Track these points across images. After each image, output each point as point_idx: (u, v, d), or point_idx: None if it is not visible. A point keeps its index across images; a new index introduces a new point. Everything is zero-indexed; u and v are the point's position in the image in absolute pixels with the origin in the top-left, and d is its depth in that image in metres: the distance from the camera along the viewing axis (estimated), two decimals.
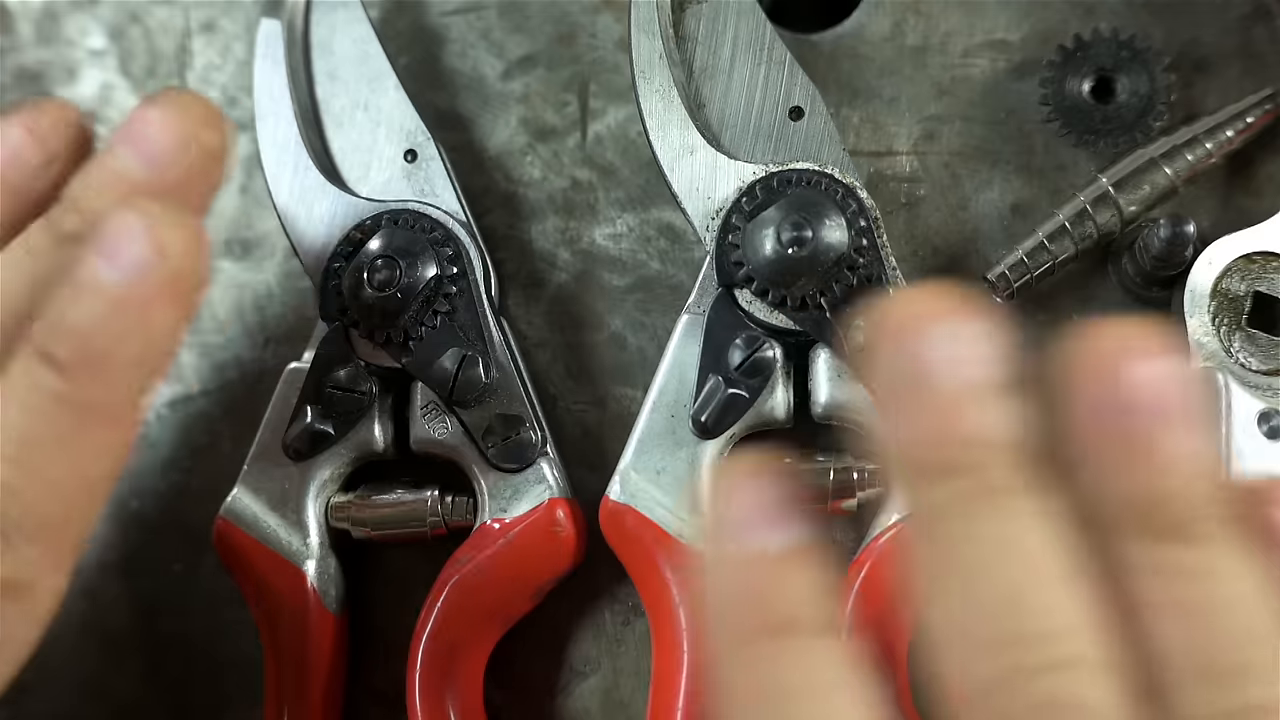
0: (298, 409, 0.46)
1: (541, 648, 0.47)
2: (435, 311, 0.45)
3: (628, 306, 0.49)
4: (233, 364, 0.50)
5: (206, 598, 0.49)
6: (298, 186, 0.47)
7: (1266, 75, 0.48)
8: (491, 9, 0.52)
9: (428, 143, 0.48)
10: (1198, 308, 0.44)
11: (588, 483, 0.47)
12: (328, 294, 0.46)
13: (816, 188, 0.44)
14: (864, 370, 0.31)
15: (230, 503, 0.46)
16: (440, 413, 0.46)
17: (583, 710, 0.47)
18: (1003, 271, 0.46)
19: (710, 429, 0.44)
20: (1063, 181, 0.48)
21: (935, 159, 0.49)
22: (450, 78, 0.51)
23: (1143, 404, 0.29)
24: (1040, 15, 0.49)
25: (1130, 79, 0.48)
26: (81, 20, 0.53)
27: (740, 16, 0.46)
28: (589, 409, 0.49)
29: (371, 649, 0.48)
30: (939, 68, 0.49)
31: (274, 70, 0.48)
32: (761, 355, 0.44)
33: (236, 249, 0.51)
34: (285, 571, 0.45)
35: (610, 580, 0.47)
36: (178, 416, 0.50)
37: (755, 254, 0.43)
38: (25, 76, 0.53)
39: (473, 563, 0.44)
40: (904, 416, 0.30)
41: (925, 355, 0.29)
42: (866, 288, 0.44)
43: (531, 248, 0.50)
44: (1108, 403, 0.29)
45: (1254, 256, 0.44)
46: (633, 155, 0.50)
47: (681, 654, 0.43)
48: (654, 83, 0.46)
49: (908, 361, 0.29)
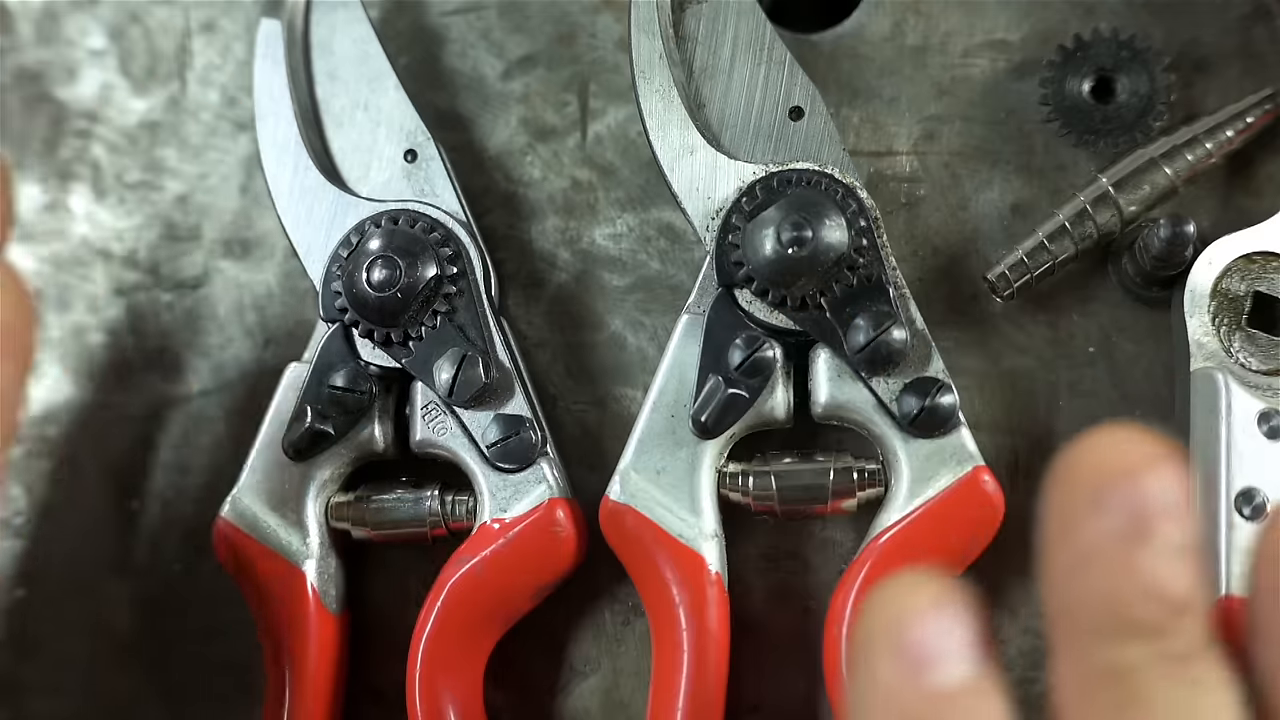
0: (298, 409, 0.46)
1: (541, 648, 0.47)
2: (435, 311, 0.45)
3: (628, 306, 0.49)
4: (233, 364, 0.50)
5: (206, 598, 0.49)
6: (298, 186, 0.47)
7: (1266, 75, 0.48)
8: (491, 9, 0.52)
9: (428, 143, 0.48)
10: (1198, 308, 0.44)
11: (588, 483, 0.47)
12: (328, 294, 0.46)
13: (816, 188, 0.44)
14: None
15: (230, 503, 0.46)
16: (440, 413, 0.46)
17: (583, 710, 0.47)
18: (1003, 271, 0.46)
19: (710, 429, 0.44)
20: (1063, 181, 0.48)
21: (935, 159, 0.49)
22: (450, 78, 0.51)
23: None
24: (1040, 15, 0.49)
25: (1130, 79, 0.48)
26: (81, 20, 0.53)
27: (740, 16, 0.46)
28: (589, 409, 0.49)
29: (371, 649, 0.48)
30: (939, 68, 0.49)
31: (274, 70, 0.48)
32: (761, 355, 0.44)
33: (236, 249, 0.51)
34: (285, 571, 0.45)
35: (610, 580, 0.47)
36: (178, 416, 0.50)
37: (755, 254, 0.43)
38: (25, 76, 0.53)
39: (473, 563, 0.44)
40: (1095, 570, 0.28)
41: (1130, 508, 0.28)
42: (866, 287, 0.44)
43: (531, 248, 0.50)
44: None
45: (1254, 256, 0.44)
46: (633, 155, 0.50)
47: (681, 654, 0.43)
48: (654, 83, 0.46)
49: (1110, 513, 0.28)
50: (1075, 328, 0.47)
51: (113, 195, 0.52)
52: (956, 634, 0.29)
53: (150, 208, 0.52)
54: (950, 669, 0.28)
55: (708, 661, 0.43)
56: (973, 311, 0.48)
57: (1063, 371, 0.47)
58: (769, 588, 0.47)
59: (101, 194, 0.52)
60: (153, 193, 0.52)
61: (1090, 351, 0.47)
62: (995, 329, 0.47)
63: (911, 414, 0.43)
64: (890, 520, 0.43)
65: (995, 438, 0.47)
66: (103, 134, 0.53)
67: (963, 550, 0.43)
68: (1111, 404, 0.47)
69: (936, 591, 0.29)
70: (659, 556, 0.44)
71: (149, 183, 0.52)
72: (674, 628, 0.43)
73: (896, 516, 0.43)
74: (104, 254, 0.52)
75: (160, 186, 0.52)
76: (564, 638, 0.48)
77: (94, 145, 0.52)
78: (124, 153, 0.52)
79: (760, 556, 0.47)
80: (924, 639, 0.29)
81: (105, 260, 0.52)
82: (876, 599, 0.29)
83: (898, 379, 0.44)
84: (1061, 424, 0.47)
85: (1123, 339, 0.47)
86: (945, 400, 0.43)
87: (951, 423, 0.43)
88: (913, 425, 0.43)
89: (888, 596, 0.29)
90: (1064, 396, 0.47)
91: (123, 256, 0.52)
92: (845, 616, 0.43)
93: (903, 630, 0.29)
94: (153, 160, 0.52)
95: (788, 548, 0.47)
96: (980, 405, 0.47)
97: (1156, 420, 0.46)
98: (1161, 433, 0.28)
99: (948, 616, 0.29)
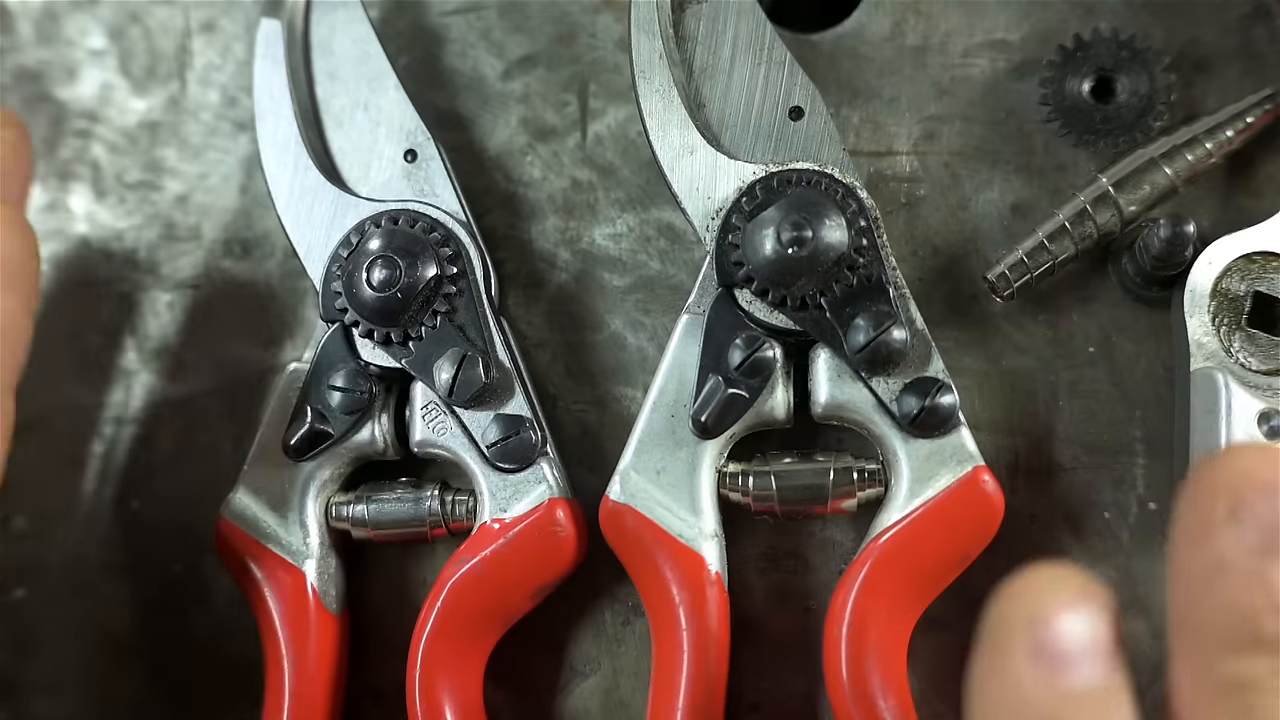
0: (298, 409, 0.46)
1: (541, 648, 0.47)
2: (435, 311, 0.45)
3: (628, 306, 0.49)
4: (233, 364, 0.50)
5: (206, 598, 0.49)
6: (298, 186, 0.47)
7: (1266, 75, 0.48)
8: (491, 9, 0.52)
9: (428, 143, 0.48)
10: (1198, 308, 0.44)
11: (588, 483, 0.47)
12: (328, 294, 0.46)
13: (816, 188, 0.44)
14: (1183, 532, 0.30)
15: (230, 503, 0.46)
16: (440, 413, 0.46)
17: (583, 710, 0.47)
18: (1003, 271, 0.46)
19: (710, 429, 0.44)
20: (1063, 181, 0.48)
21: (935, 159, 0.49)
22: (450, 78, 0.51)
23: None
24: (1040, 15, 0.49)
25: (1130, 79, 0.48)
26: (81, 20, 0.53)
27: (740, 16, 0.46)
28: (589, 409, 0.49)
29: (371, 649, 0.48)
30: (939, 68, 0.49)
31: (274, 70, 0.48)
32: (761, 355, 0.44)
33: (236, 249, 0.51)
34: (285, 571, 0.45)
35: (610, 580, 0.47)
36: (178, 416, 0.50)
37: (755, 254, 0.43)
38: (25, 76, 0.53)
39: (473, 563, 0.44)
40: (1226, 582, 0.28)
41: (1267, 522, 0.28)
42: (866, 287, 0.44)
43: (531, 248, 0.50)
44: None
45: (1254, 256, 0.44)
46: (633, 155, 0.50)
47: (681, 654, 0.43)
48: (654, 83, 0.46)
49: (1246, 526, 0.28)
50: (1075, 328, 0.47)
51: (113, 195, 0.52)
52: (1095, 634, 0.28)
53: (150, 208, 0.52)
54: (1087, 671, 0.28)
55: (708, 661, 0.43)
56: (973, 311, 0.48)
57: (1063, 371, 0.47)
58: (769, 588, 0.47)
59: (101, 194, 0.52)
60: (153, 193, 0.52)
61: (1090, 351, 0.47)
62: (995, 329, 0.47)
63: (911, 414, 0.43)
64: (890, 520, 0.43)
65: (995, 438, 0.47)
66: (103, 134, 0.53)
67: (963, 550, 0.43)
68: (1111, 404, 0.47)
69: (1076, 589, 0.29)
70: (659, 556, 0.44)
71: (149, 183, 0.52)
72: (674, 628, 0.43)
73: (896, 516, 0.43)
74: (104, 254, 0.52)
75: (160, 186, 0.52)
76: (564, 638, 0.48)
77: (94, 145, 0.53)
78: (124, 153, 0.52)
79: (760, 556, 0.47)
80: (1063, 638, 0.28)
81: (105, 260, 0.52)
82: (1013, 593, 0.29)
83: (898, 379, 0.44)
84: (1061, 424, 0.47)
85: (1123, 339, 0.47)
86: (945, 400, 0.43)
87: (951, 423, 0.43)
88: (913, 425, 0.43)
89: (1025, 591, 0.29)
90: (1064, 396, 0.47)
91: (123, 256, 0.52)
92: (845, 616, 0.42)
93: (1042, 628, 0.28)
94: (153, 160, 0.52)
95: (788, 548, 0.47)
96: (980, 405, 0.47)
97: (1156, 420, 0.46)
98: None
99: (1087, 616, 0.28)
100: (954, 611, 0.45)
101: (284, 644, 0.45)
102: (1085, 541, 0.46)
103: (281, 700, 0.45)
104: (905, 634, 0.44)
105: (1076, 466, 0.46)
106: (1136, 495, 0.46)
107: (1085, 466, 0.46)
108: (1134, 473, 0.46)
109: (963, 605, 0.45)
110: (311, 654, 0.45)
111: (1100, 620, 0.29)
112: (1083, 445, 0.46)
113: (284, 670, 0.45)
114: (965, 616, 0.45)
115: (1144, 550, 0.46)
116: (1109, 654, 0.28)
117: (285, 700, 0.45)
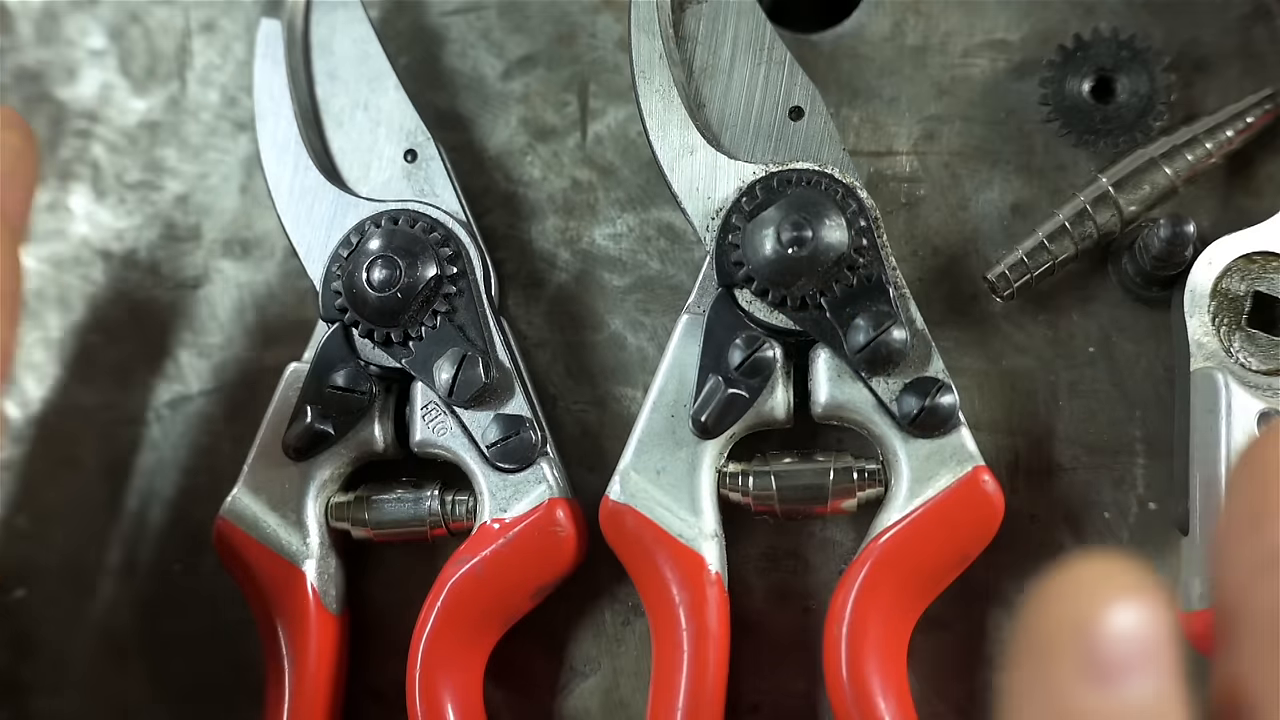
0: (298, 409, 0.46)
1: (541, 648, 0.47)
2: (435, 311, 0.45)
3: (628, 306, 0.49)
4: (233, 364, 0.50)
5: (206, 598, 0.49)
6: (298, 186, 0.47)
7: (1266, 75, 0.48)
8: (491, 9, 0.52)
9: (428, 143, 0.48)
10: (1198, 308, 0.44)
11: (588, 483, 0.47)
12: (328, 294, 0.46)
13: (816, 188, 0.44)
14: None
15: (230, 503, 0.46)
16: (440, 413, 0.46)
17: (583, 710, 0.47)
18: (1003, 271, 0.46)
19: (710, 429, 0.44)
20: (1063, 181, 0.48)
21: (935, 159, 0.49)
22: (450, 78, 0.51)
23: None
24: (1040, 15, 0.49)
25: (1130, 79, 0.48)
26: (81, 20, 0.53)
27: (740, 16, 0.46)
28: (589, 409, 0.49)
29: (371, 649, 0.48)
30: (939, 68, 0.49)
31: (274, 70, 0.48)
32: (761, 355, 0.44)
33: (236, 249, 0.51)
34: (285, 571, 0.45)
35: (610, 580, 0.47)
36: (178, 416, 0.50)
37: (755, 254, 0.43)
38: (25, 76, 0.53)
39: (473, 563, 0.44)
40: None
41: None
42: (866, 287, 0.44)
43: (531, 248, 0.50)
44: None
45: (1254, 256, 0.44)
46: (633, 155, 0.50)
47: (681, 654, 0.43)
48: (654, 83, 0.46)
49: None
50: (1075, 328, 0.47)
51: (113, 195, 0.52)
52: (1153, 639, 0.25)
53: (150, 208, 0.52)
54: (1142, 682, 0.24)
55: (708, 661, 0.43)
56: (973, 311, 0.48)
57: (1063, 371, 0.47)
58: (769, 588, 0.47)
59: (101, 194, 0.52)
60: (153, 193, 0.52)
61: (1090, 351, 0.47)
62: (995, 329, 0.47)
63: (911, 414, 0.43)
64: (890, 520, 0.43)
65: (995, 438, 0.47)
66: (103, 134, 0.53)
67: (963, 550, 0.43)
68: (1111, 404, 0.47)
69: (1128, 585, 0.25)
70: (659, 556, 0.44)
71: (149, 183, 0.52)
72: (674, 628, 0.43)
73: (896, 516, 0.43)
74: (104, 254, 0.52)
75: (160, 186, 0.52)
76: (564, 638, 0.48)
77: (94, 145, 0.53)
78: (124, 153, 0.52)
79: (760, 556, 0.47)
80: (1117, 646, 0.24)
81: (105, 260, 0.52)
82: (1056, 593, 0.25)
83: (898, 379, 0.44)
84: (1061, 424, 0.47)
85: (1123, 339, 0.47)
86: (945, 400, 0.43)
87: (951, 423, 0.43)
88: (913, 425, 0.43)
89: (1070, 590, 0.25)
90: (1064, 396, 0.47)
91: (123, 256, 0.52)
92: (845, 616, 0.42)
93: (1092, 632, 0.24)
94: (153, 160, 0.52)
95: (788, 548, 0.47)
96: (980, 405, 0.47)
97: (1156, 420, 0.46)
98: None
99: (1143, 617, 0.25)
100: (954, 611, 0.45)
101: (284, 644, 0.45)
102: (1085, 541, 0.46)
103: (282, 700, 0.45)
104: (905, 634, 0.44)
105: (1076, 466, 0.46)
106: (1136, 495, 0.46)
107: (1085, 466, 0.46)
108: (1134, 473, 0.46)
109: (963, 605, 0.45)
110: (311, 654, 0.45)
111: (1157, 621, 0.25)
112: (1083, 445, 0.46)
113: (284, 670, 0.45)
114: (965, 616, 0.46)
115: (1144, 550, 0.46)
116: (1168, 660, 0.25)
117: (285, 700, 0.45)
